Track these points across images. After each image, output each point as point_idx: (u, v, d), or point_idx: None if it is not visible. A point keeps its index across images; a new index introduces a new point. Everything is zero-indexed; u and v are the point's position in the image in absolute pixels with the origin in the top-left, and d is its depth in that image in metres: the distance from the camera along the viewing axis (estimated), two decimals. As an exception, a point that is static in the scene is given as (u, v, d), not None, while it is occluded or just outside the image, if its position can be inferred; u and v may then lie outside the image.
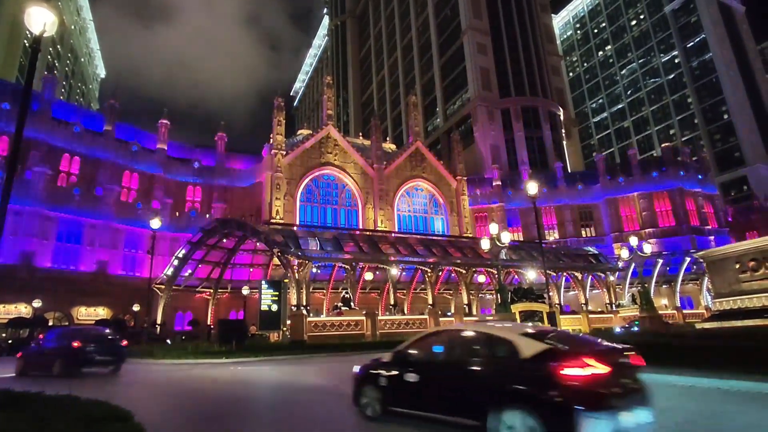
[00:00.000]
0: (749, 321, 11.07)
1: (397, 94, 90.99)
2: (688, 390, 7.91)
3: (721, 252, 13.13)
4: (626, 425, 4.33)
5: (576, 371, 4.40)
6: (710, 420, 5.79)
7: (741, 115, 79.39)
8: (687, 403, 6.81)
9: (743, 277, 12.01)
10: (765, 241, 11.76)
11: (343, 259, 30.04)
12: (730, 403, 6.76)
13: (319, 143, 43.89)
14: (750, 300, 11.62)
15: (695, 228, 49.65)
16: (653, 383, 5.15)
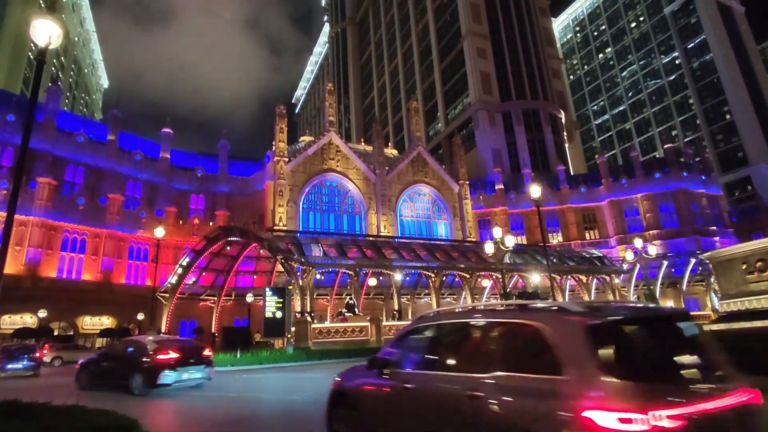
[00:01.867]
0: (758, 322, 10.97)
1: (398, 99, 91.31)
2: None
3: (728, 253, 13.05)
4: (185, 377, 11.19)
5: (162, 356, 11.08)
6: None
7: (743, 115, 79.20)
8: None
9: (750, 278, 11.93)
10: (771, 241, 11.69)
11: (346, 265, 30.02)
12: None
13: (321, 150, 44.03)
14: (758, 301, 11.53)
15: (700, 229, 49.40)
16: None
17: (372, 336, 26.29)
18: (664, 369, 3.03)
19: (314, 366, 18.67)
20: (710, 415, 2.72)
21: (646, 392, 2.70)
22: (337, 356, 21.27)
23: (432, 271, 32.36)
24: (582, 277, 37.56)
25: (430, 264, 32.46)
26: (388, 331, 27.48)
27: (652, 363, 3.04)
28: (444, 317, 4.62)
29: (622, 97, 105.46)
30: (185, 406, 9.55)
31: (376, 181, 45.22)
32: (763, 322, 10.77)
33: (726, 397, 2.88)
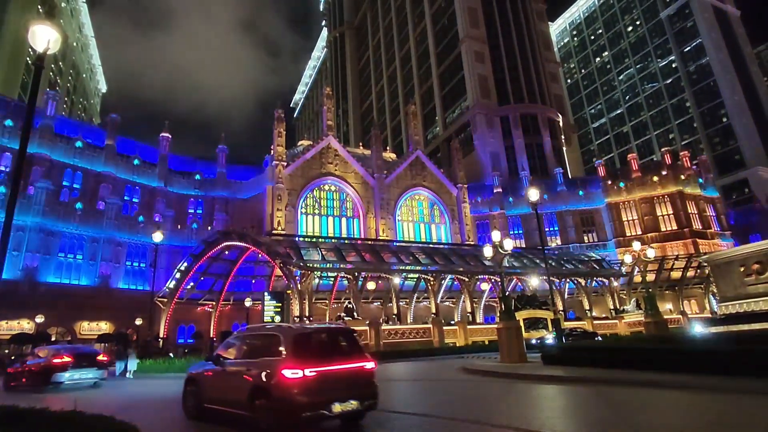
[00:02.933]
0: (756, 324, 11.01)
1: (396, 103, 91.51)
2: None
3: (726, 255, 13.08)
4: (77, 377, 14.61)
5: (57, 360, 14.61)
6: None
7: (740, 118, 79.57)
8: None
9: (748, 280, 11.96)
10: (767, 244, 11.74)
11: (345, 269, 29.99)
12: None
13: (319, 154, 44.07)
14: (756, 303, 11.56)
15: (697, 232, 49.52)
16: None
17: (371, 340, 26.23)
18: (319, 352, 6.50)
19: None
20: (332, 371, 6.25)
21: (305, 361, 6.09)
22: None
23: (431, 274, 32.34)
24: (580, 280, 37.60)
25: (429, 268, 32.45)
26: (387, 335, 27.43)
27: (313, 350, 6.47)
28: (247, 330, 8.15)
29: (619, 100, 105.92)
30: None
31: (374, 185, 45.25)
32: (761, 325, 10.80)
33: (345, 364, 6.51)
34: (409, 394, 10.54)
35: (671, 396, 7.81)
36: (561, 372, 11.48)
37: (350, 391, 6.26)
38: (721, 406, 6.79)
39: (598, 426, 5.99)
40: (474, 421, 6.56)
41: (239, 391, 6.56)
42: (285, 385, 5.93)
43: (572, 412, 7.28)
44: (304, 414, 5.87)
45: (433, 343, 28.26)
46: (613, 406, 7.31)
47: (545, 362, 13.82)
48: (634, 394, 8.22)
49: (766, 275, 11.56)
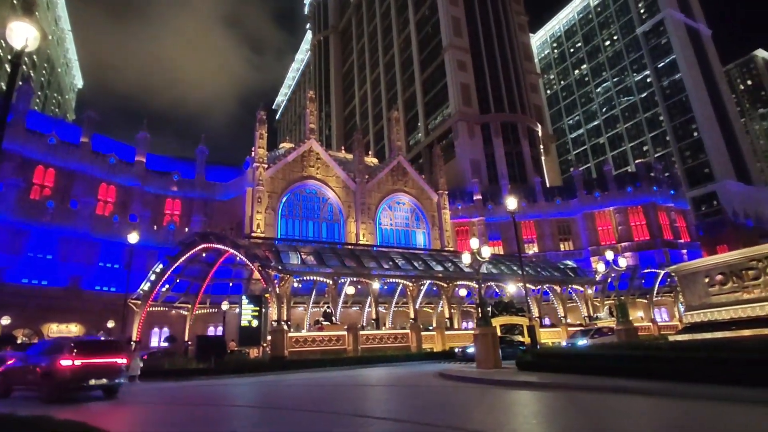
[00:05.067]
0: (718, 333, 11.50)
1: (379, 108, 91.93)
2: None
3: (692, 266, 13.63)
4: None
5: None
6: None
7: (709, 132, 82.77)
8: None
9: (712, 290, 12.49)
10: (732, 256, 12.29)
11: (324, 273, 29.90)
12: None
13: (301, 157, 43.90)
14: (719, 313, 12.08)
15: (668, 242, 51.16)
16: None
17: (349, 345, 26.18)
18: (85, 352, 11.51)
19: (292, 375, 18.48)
20: (92, 363, 11.44)
21: (74, 356, 11.20)
22: (314, 366, 21.13)
23: (410, 279, 32.52)
24: (556, 287, 38.34)
25: (409, 273, 32.63)
26: (365, 340, 27.42)
27: (81, 350, 11.47)
28: (49, 342, 13.05)
29: (596, 112, 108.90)
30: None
31: (355, 190, 45.30)
32: (723, 333, 11.29)
33: (103, 359, 11.77)
34: (385, 400, 10.60)
35: (639, 402, 8.10)
36: (535, 378, 11.72)
37: (103, 373, 11.53)
38: (686, 412, 7.08)
39: (569, 431, 6.17)
40: (448, 426, 6.66)
41: (35, 375, 11.43)
42: (60, 369, 10.96)
43: (545, 417, 7.47)
44: (71, 385, 11.18)
45: (411, 349, 28.37)
46: (584, 412, 7.53)
47: (520, 368, 14.08)
48: (604, 400, 8.48)
49: (728, 286, 12.10)
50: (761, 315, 11.26)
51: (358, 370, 20.82)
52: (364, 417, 7.86)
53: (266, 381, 17.11)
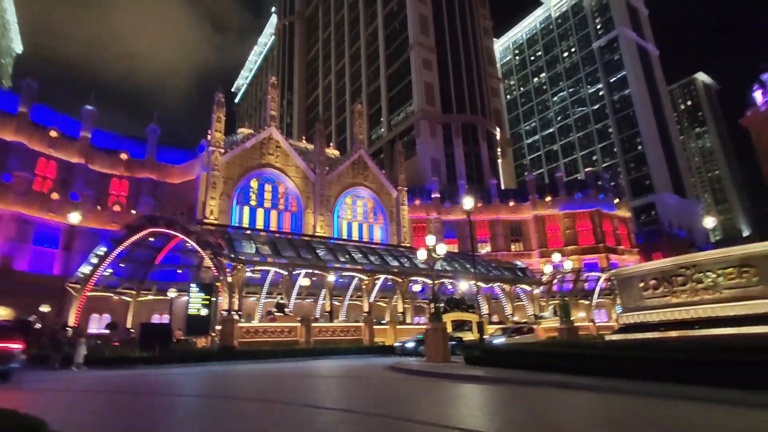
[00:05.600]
0: (649, 334, 12.45)
1: (343, 100, 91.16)
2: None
3: (629, 271, 14.63)
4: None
5: None
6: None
7: (652, 147, 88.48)
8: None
9: (646, 294, 13.48)
10: (664, 263, 13.31)
11: (279, 263, 29.45)
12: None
13: (260, 144, 42.80)
14: (650, 315, 13.06)
15: (610, 248, 54.36)
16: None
17: (302, 337, 26.00)
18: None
19: (240, 365, 18.12)
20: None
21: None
22: (265, 356, 20.84)
23: (366, 273, 32.67)
24: (505, 286, 39.80)
25: (365, 267, 32.76)
26: (318, 333, 27.33)
27: None
28: None
29: (552, 120, 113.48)
30: None
31: (315, 181, 44.79)
32: (652, 334, 12.22)
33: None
34: (336, 391, 10.67)
35: (577, 396, 8.62)
36: (481, 372, 12.18)
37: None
38: (617, 406, 7.62)
39: (511, 423, 6.49)
40: (396, 417, 6.82)
41: None
42: None
43: (489, 409, 7.80)
44: None
45: (364, 342, 28.58)
46: (525, 405, 7.93)
47: (468, 362, 14.57)
48: (545, 394, 8.97)
49: (660, 290, 13.10)
50: (686, 318, 12.27)
51: (310, 362, 20.75)
52: (315, 407, 7.89)
53: (215, 371, 16.70)
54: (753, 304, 11.40)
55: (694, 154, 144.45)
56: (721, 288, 12.09)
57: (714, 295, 12.20)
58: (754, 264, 11.63)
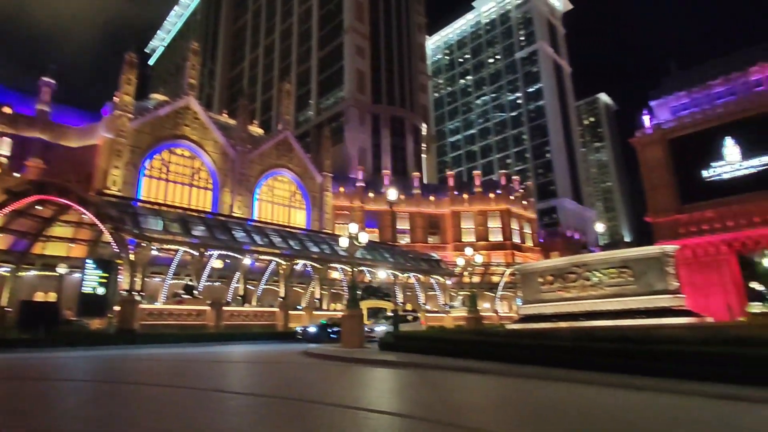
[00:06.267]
0: (543, 324, 13.83)
1: (270, 77, 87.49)
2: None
3: (530, 268, 16.07)
4: None
5: None
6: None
7: (558, 156, 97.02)
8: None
9: (543, 288, 14.93)
10: (560, 261, 14.84)
11: (190, 243, 27.77)
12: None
13: (175, 113, 39.69)
14: (546, 307, 14.51)
15: (516, 245, 58.87)
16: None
17: (211, 321, 24.88)
18: None
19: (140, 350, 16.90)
20: None
21: None
22: (170, 341, 19.67)
23: (284, 258, 32.03)
24: (420, 276, 41.42)
25: (284, 251, 32.09)
26: (229, 317, 26.34)
27: None
28: None
29: (473, 122, 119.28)
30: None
31: (235, 158, 42.67)
32: (547, 324, 13.58)
33: None
34: (247, 376, 10.44)
35: (479, 379, 9.35)
36: (393, 357, 12.66)
37: None
38: (512, 388, 8.41)
39: (418, 404, 6.88)
40: (308, 401, 6.89)
41: None
42: None
43: (398, 392, 8.17)
44: None
45: (278, 327, 28.11)
46: (433, 388, 8.43)
47: (381, 348, 15.04)
48: (451, 377, 9.60)
49: (555, 286, 14.59)
50: (573, 311, 13.81)
51: (220, 347, 19.96)
52: (224, 392, 7.67)
53: (112, 355, 15.40)
54: (628, 300, 13.16)
55: (591, 166, 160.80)
56: (605, 285, 13.79)
57: (598, 292, 13.88)
58: (631, 266, 13.40)
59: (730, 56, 46.50)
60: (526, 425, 5.43)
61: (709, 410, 6.25)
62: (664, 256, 13.71)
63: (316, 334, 22.76)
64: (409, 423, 5.53)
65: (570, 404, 6.75)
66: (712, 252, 37.41)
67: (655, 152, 41.98)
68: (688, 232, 38.70)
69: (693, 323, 12.65)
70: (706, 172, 39.20)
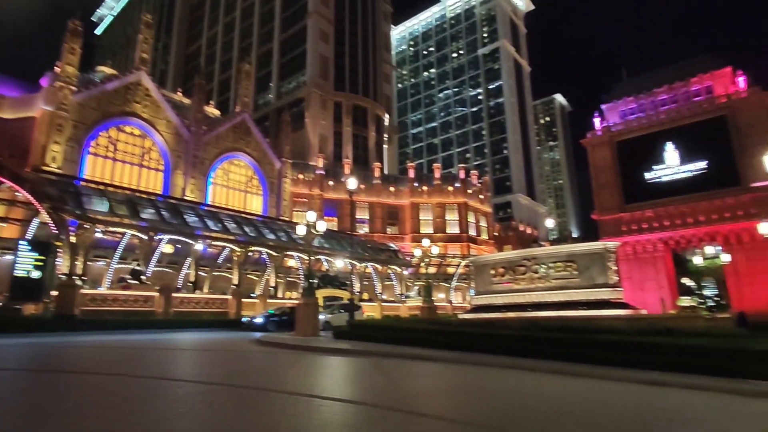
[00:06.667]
0: (493, 314, 14.37)
1: (229, 57, 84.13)
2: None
3: (483, 260, 16.60)
4: None
5: None
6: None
7: (514, 153, 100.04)
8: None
9: (495, 280, 15.48)
10: (511, 254, 15.42)
11: (138, 226, 26.51)
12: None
13: (125, 88, 37.43)
14: (496, 298, 15.07)
15: (472, 238, 60.43)
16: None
17: (160, 308, 23.96)
18: None
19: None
20: None
21: None
22: (114, 327, 18.80)
23: (239, 245, 31.25)
24: (378, 266, 41.72)
25: (238, 238, 31.31)
26: (179, 304, 25.48)
27: None
28: None
29: (435, 115, 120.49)
30: None
31: (189, 139, 40.89)
32: (496, 314, 14.12)
33: None
34: (197, 364, 10.19)
35: (430, 366, 9.61)
36: (348, 345, 12.75)
37: None
38: (460, 374, 8.71)
39: (370, 391, 7.00)
40: (260, 388, 6.85)
41: None
42: None
43: (352, 379, 8.26)
44: None
45: (230, 315, 27.49)
46: (387, 375, 8.59)
47: (336, 337, 15.09)
48: (403, 365, 9.80)
49: (506, 277, 15.17)
50: (521, 302, 14.43)
51: (169, 335, 19.28)
52: (173, 380, 7.47)
53: (50, 342, 14.52)
54: (572, 292, 13.90)
55: (545, 164, 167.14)
56: (551, 278, 14.48)
57: (545, 284, 14.56)
58: (576, 260, 14.14)
59: (676, 65, 49.47)
60: (472, 410, 5.67)
61: (635, 396, 6.77)
62: (606, 252, 14.59)
63: (263, 324, 22.45)
64: (361, 409, 5.62)
65: (513, 390, 7.10)
66: (650, 249, 40.08)
67: (603, 153, 44.20)
68: (629, 230, 41.21)
69: (629, 315, 13.58)
70: (649, 174, 41.76)
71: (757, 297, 33.54)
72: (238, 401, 5.86)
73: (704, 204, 37.97)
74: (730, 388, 6.91)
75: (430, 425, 4.86)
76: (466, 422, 4.93)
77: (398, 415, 5.25)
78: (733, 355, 7.67)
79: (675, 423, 5.17)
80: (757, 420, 5.48)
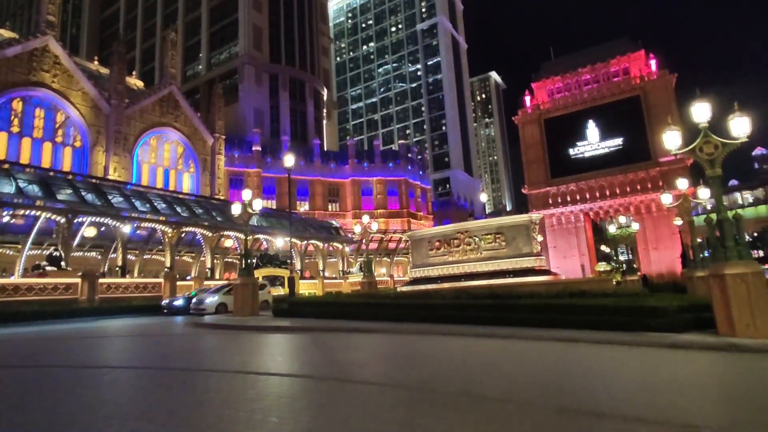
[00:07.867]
0: (430, 286, 15.03)
1: (152, 23, 77.52)
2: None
3: (420, 234, 17.18)
4: None
5: None
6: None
7: (452, 130, 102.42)
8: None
9: (431, 253, 16.12)
10: (446, 228, 16.11)
11: (53, 209, 24.36)
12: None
13: (29, 54, 33.58)
14: (433, 270, 15.74)
15: (412, 213, 61.78)
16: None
17: (83, 295, 22.42)
18: None
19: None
20: None
21: None
22: (29, 318, 17.42)
23: (170, 226, 29.74)
24: (319, 243, 41.60)
25: (169, 218, 29.75)
26: (105, 289, 23.99)
27: None
28: None
29: (375, 90, 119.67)
30: None
31: (109, 113, 37.75)
32: (432, 286, 14.78)
33: None
34: (127, 350, 9.80)
35: (369, 338, 9.95)
36: (287, 323, 12.82)
37: None
38: (398, 344, 9.13)
39: (308, 364, 7.17)
40: (195, 369, 6.79)
41: None
42: None
43: (290, 354, 8.39)
44: None
45: (164, 299, 26.32)
46: (325, 349, 8.79)
47: (276, 315, 15.07)
48: (342, 338, 10.07)
49: (441, 251, 15.85)
50: (455, 273, 15.19)
51: (95, 323, 18.17)
52: (98, 368, 7.17)
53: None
54: (500, 262, 14.84)
55: (481, 140, 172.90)
56: (482, 250, 15.34)
57: (477, 255, 15.41)
58: (504, 232, 15.07)
59: (599, 47, 52.59)
60: (403, 375, 6.03)
61: (551, 352, 7.52)
62: (530, 224, 15.65)
63: (183, 306, 21.75)
64: (297, 381, 5.79)
65: (443, 355, 7.60)
66: (573, 220, 43.34)
67: (533, 130, 46.55)
68: (555, 202, 44.16)
69: (550, 281, 14.80)
70: (573, 150, 44.72)
71: (661, 260, 37.68)
72: (169, 383, 5.79)
73: (620, 178, 41.51)
74: (630, 341, 7.86)
75: (363, 390, 5.13)
76: (396, 385, 5.25)
77: (333, 384, 5.47)
78: (633, 312, 8.69)
79: (590, 374, 5.85)
80: (646, 368, 6.32)
